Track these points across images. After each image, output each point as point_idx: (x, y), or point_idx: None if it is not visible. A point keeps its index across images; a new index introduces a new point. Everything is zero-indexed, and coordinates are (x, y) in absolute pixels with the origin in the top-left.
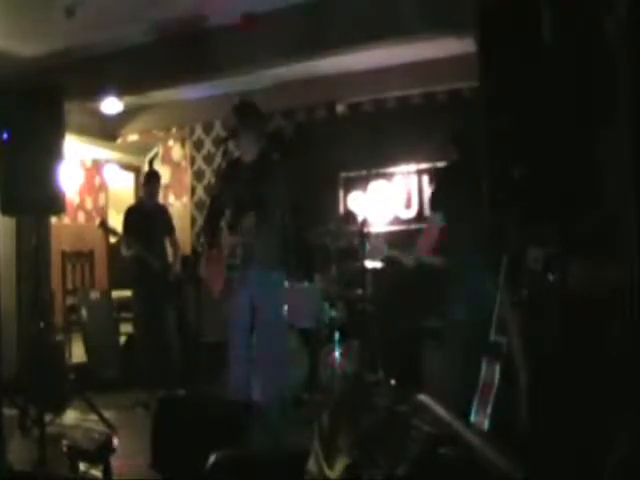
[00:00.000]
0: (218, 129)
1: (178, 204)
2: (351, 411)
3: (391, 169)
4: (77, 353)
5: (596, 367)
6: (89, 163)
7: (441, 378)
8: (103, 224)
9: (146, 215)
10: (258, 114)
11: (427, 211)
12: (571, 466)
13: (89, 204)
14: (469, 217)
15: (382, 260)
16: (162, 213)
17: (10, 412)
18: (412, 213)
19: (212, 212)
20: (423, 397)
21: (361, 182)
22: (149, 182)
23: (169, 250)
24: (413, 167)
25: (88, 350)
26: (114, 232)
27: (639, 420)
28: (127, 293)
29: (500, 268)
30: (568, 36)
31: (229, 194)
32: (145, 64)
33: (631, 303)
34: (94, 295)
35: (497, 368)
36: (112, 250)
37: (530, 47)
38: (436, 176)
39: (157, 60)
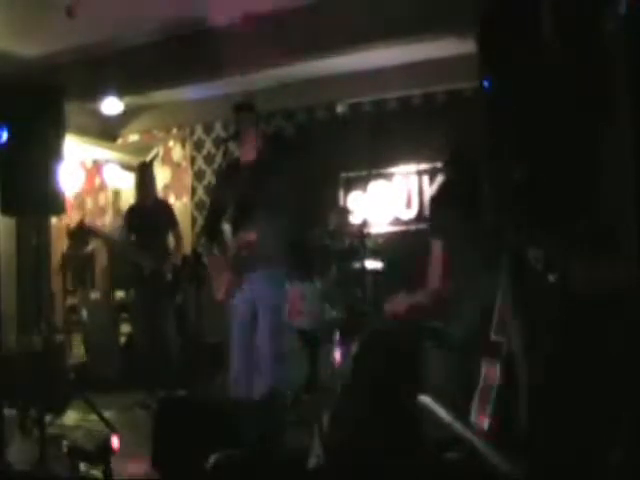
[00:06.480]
0: (218, 129)
1: (178, 204)
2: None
3: (391, 169)
4: (77, 353)
5: (596, 367)
6: (89, 163)
7: (441, 378)
8: (81, 226)
9: (146, 213)
10: (258, 115)
11: (427, 212)
12: (571, 466)
13: (89, 204)
14: (469, 237)
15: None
16: (163, 208)
17: (10, 412)
18: (412, 213)
19: (212, 213)
20: (423, 397)
21: (361, 182)
22: (139, 177)
23: (172, 245)
24: (413, 167)
25: (88, 350)
26: (96, 233)
27: (639, 420)
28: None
29: (500, 269)
30: (568, 36)
31: (230, 195)
32: (145, 64)
33: (631, 303)
34: (94, 295)
35: (497, 368)
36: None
37: (530, 47)
38: (432, 201)
39: (157, 60)
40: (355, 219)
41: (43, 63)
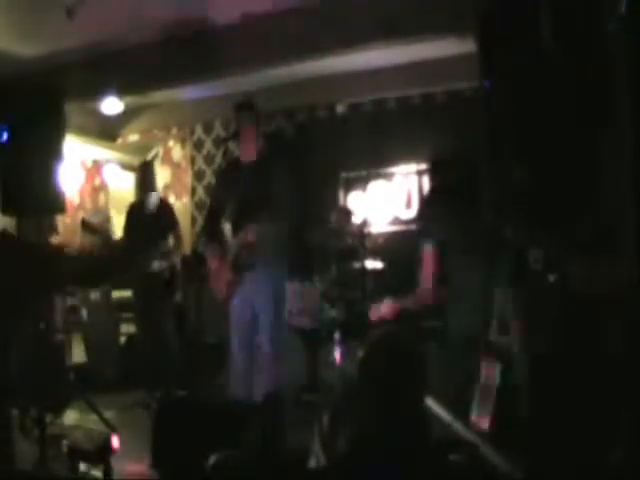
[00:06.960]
0: (218, 129)
1: (178, 204)
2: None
3: (391, 169)
4: (77, 353)
5: (596, 367)
6: (89, 163)
7: (441, 378)
8: (85, 223)
9: (146, 213)
10: (258, 114)
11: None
12: (571, 465)
13: (89, 204)
14: (463, 235)
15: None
16: (163, 207)
17: (10, 412)
18: (412, 213)
19: (212, 213)
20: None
21: (361, 182)
22: (140, 175)
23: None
24: (413, 167)
25: (88, 350)
26: (95, 230)
27: (639, 420)
28: (127, 293)
29: (500, 269)
30: (568, 36)
31: (229, 194)
32: (145, 64)
33: (631, 303)
34: (94, 295)
35: (497, 368)
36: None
37: (530, 47)
38: (422, 205)
39: (157, 60)
40: (355, 219)
41: (43, 63)
